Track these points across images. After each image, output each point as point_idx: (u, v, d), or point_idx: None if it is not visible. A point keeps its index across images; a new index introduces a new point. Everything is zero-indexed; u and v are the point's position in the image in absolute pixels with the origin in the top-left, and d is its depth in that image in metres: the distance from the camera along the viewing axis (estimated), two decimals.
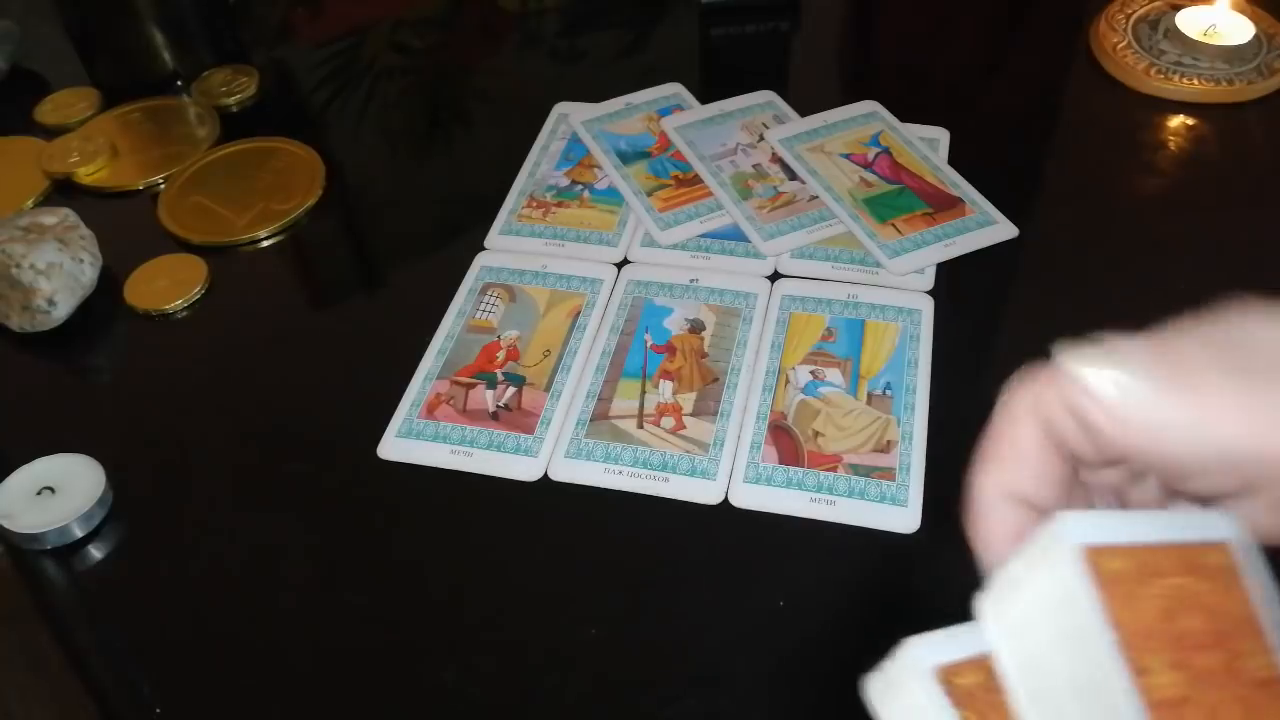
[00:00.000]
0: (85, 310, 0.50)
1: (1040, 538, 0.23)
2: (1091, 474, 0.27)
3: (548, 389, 0.45)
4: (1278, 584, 0.24)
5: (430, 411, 0.44)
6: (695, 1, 0.66)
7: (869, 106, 0.58)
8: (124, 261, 0.52)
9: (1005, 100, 0.61)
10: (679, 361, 0.46)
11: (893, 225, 0.51)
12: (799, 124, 0.57)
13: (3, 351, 0.50)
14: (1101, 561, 0.22)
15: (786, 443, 0.42)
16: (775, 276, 0.49)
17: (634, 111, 0.59)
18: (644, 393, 0.45)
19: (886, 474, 0.41)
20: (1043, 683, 0.22)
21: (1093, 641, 0.21)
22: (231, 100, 0.62)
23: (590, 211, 0.53)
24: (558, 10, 0.69)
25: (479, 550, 0.40)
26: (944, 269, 0.49)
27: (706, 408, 0.44)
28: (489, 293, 0.49)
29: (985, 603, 0.23)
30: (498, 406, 0.44)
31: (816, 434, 0.43)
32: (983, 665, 0.22)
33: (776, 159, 0.55)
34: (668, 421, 0.43)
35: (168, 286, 0.51)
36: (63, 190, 0.58)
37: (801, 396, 0.44)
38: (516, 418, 0.44)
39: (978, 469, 0.26)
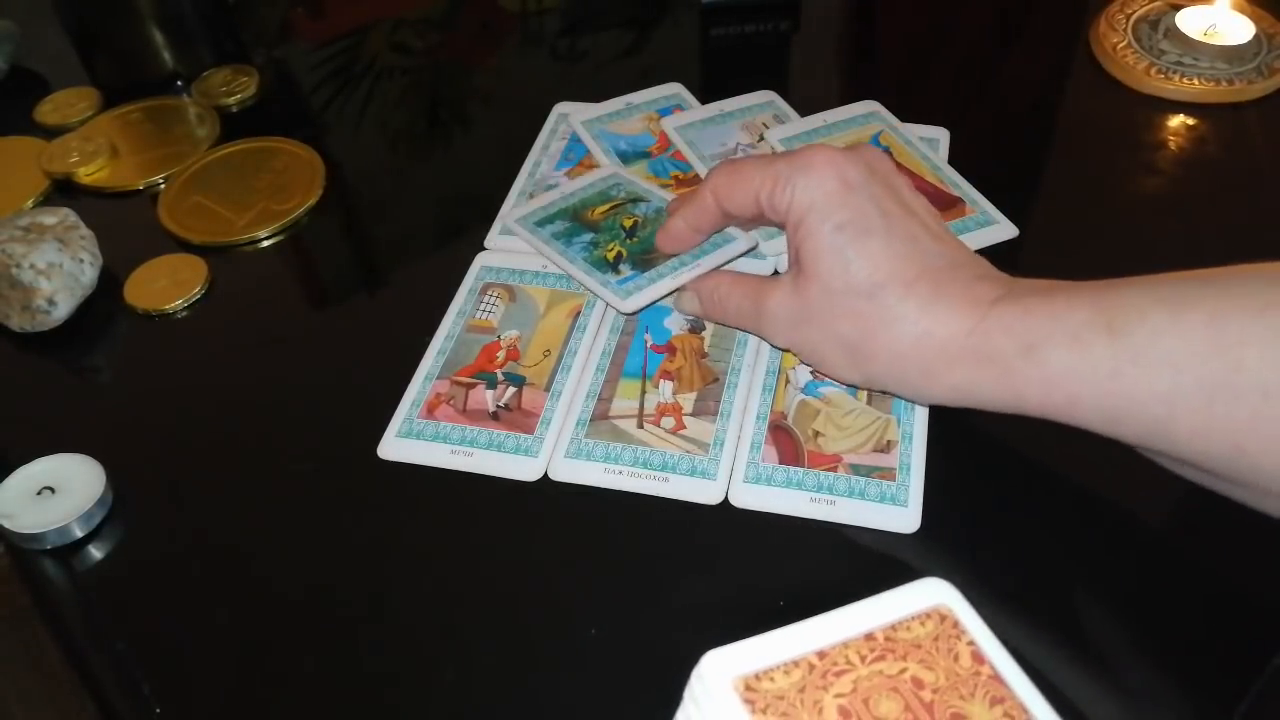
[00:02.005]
0: (85, 310, 0.50)
1: (694, 684, 0.23)
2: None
3: (548, 389, 0.45)
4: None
5: (430, 411, 0.44)
6: (695, 1, 0.67)
7: (869, 106, 0.58)
8: (124, 261, 0.52)
9: (1005, 100, 0.61)
10: (679, 361, 0.46)
11: None
12: (799, 124, 0.57)
13: (3, 351, 0.50)
14: (760, 686, 0.23)
15: (786, 443, 0.42)
16: (776, 276, 0.49)
17: (634, 111, 0.59)
18: (644, 393, 0.45)
19: (887, 474, 0.41)
20: None
21: None
22: (231, 100, 0.63)
23: None
24: (558, 10, 0.69)
25: (479, 550, 0.40)
26: None
27: (706, 408, 0.44)
28: (489, 293, 0.49)
29: None
30: (498, 406, 0.44)
31: (816, 434, 0.43)
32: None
33: None
34: (668, 421, 0.43)
35: (168, 286, 0.51)
36: (63, 190, 0.58)
37: (801, 396, 0.44)
38: (516, 418, 0.44)
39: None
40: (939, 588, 0.26)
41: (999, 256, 0.50)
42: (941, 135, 0.56)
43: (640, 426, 0.43)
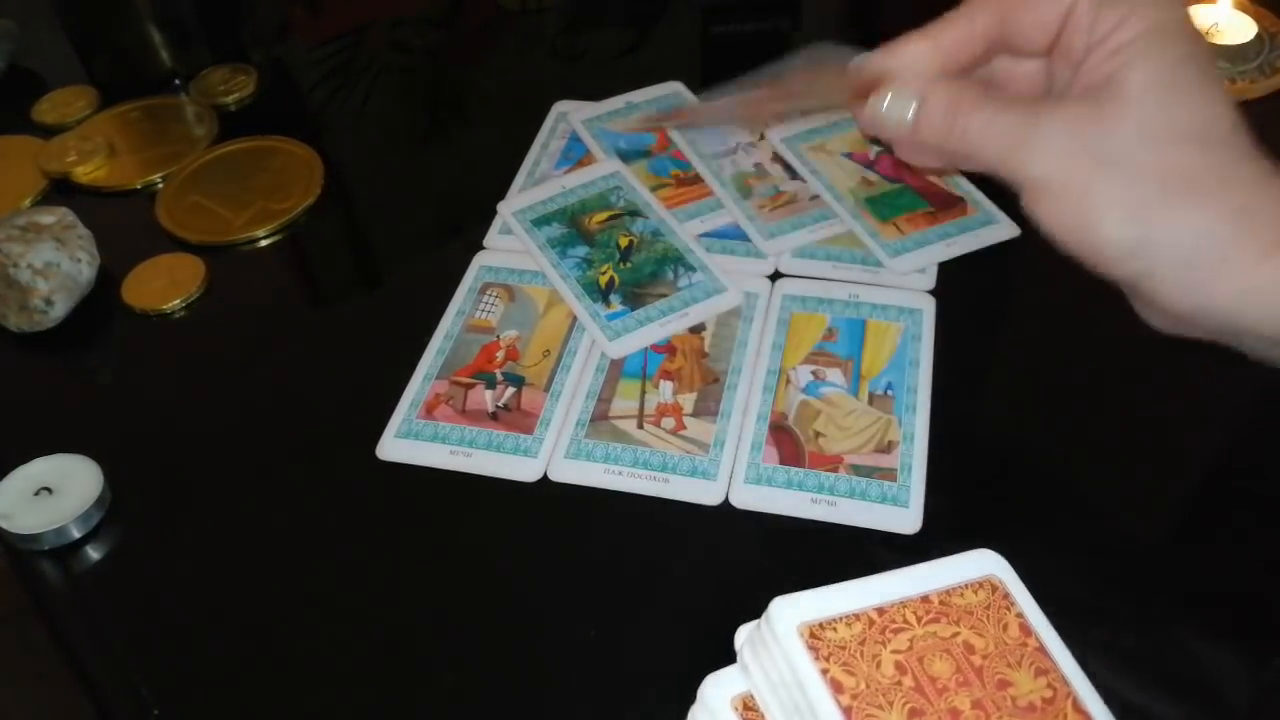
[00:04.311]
0: (83, 310, 0.50)
1: (762, 624, 0.24)
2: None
3: (547, 389, 0.45)
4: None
5: (429, 412, 0.44)
6: (695, 1, 0.66)
7: None
8: (122, 261, 0.52)
9: None
10: (679, 362, 0.46)
11: (894, 224, 0.50)
12: (800, 123, 0.56)
13: (1, 351, 0.50)
14: (825, 635, 0.23)
15: (787, 443, 0.42)
16: (776, 276, 0.49)
17: (634, 111, 0.58)
18: (644, 393, 0.44)
19: (888, 474, 0.41)
20: None
21: (818, 714, 0.22)
22: (230, 99, 0.62)
23: None
24: (557, 10, 0.69)
25: (479, 550, 0.40)
26: (946, 268, 0.49)
27: (707, 408, 0.44)
28: (488, 292, 0.49)
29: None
30: (497, 407, 0.44)
31: (817, 434, 0.42)
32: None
33: (778, 158, 0.55)
34: (668, 422, 0.43)
35: (166, 286, 0.51)
36: (60, 189, 0.58)
37: (802, 396, 0.44)
38: (516, 418, 0.44)
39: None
40: (992, 559, 0.26)
41: (1001, 256, 0.50)
42: None
43: (640, 427, 0.43)
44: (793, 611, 0.24)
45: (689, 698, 0.35)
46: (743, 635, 0.26)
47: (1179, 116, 0.31)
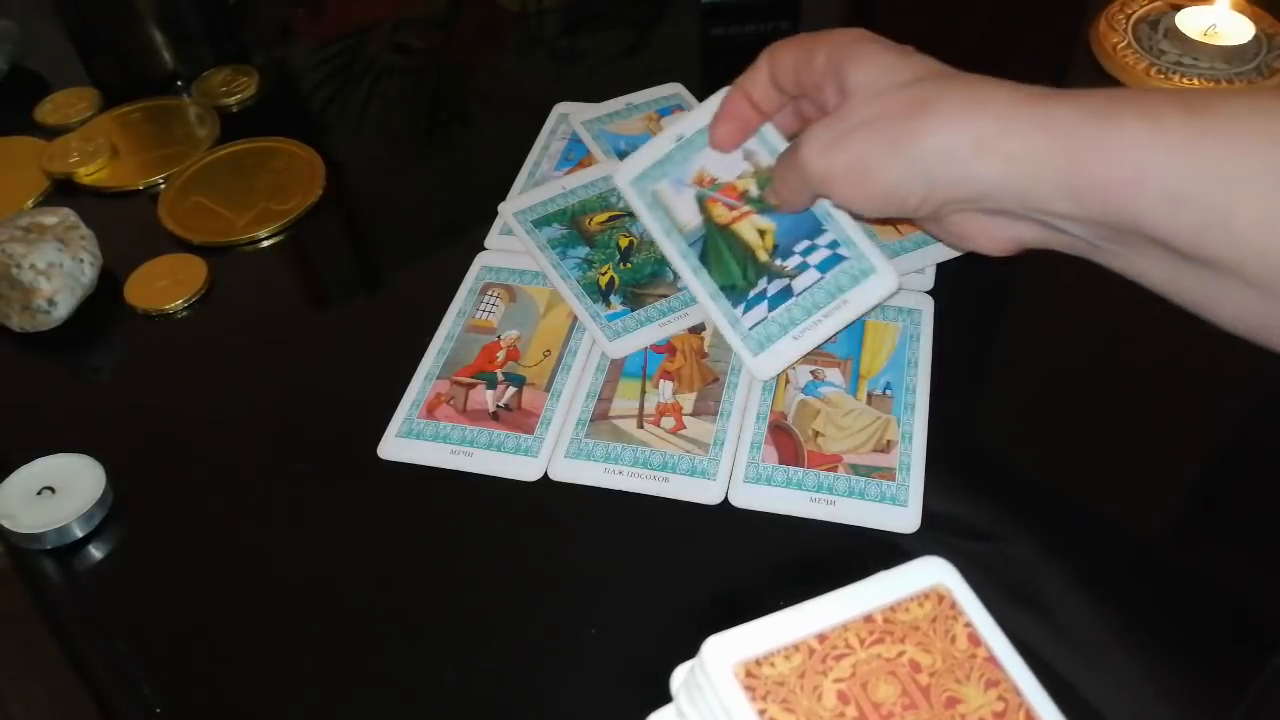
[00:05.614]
0: (85, 310, 0.50)
1: (697, 667, 0.23)
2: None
3: (548, 389, 0.45)
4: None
5: (430, 411, 0.44)
6: (695, 1, 0.67)
7: None
8: (124, 261, 0.52)
9: None
10: (679, 361, 0.46)
11: (893, 225, 0.50)
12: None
13: (3, 351, 0.50)
14: (762, 672, 0.22)
15: (786, 443, 0.42)
16: None
17: (634, 111, 0.59)
18: (644, 393, 0.45)
19: (887, 474, 0.41)
20: None
21: None
22: (232, 100, 0.63)
23: None
24: (558, 10, 0.69)
25: (478, 550, 0.40)
26: (944, 269, 0.49)
27: (706, 408, 0.44)
28: (489, 293, 0.49)
29: None
30: (498, 406, 0.44)
31: (816, 434, 0.43)
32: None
33: None
34: (668, 421, 0.43)
35: (168, 286, 0.51)
36: (63, 190, 0.58)
37: (801, 396, 0.44)
38: (516, 418, 0.44)
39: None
40: (937, 567, 0.25)
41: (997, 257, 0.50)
42: None
43: (640, 426, 0.43)
44: (727, 651, 0.23)
45: None
46: (679, 677, 0.25)
47: (894, 75, 0.38)
